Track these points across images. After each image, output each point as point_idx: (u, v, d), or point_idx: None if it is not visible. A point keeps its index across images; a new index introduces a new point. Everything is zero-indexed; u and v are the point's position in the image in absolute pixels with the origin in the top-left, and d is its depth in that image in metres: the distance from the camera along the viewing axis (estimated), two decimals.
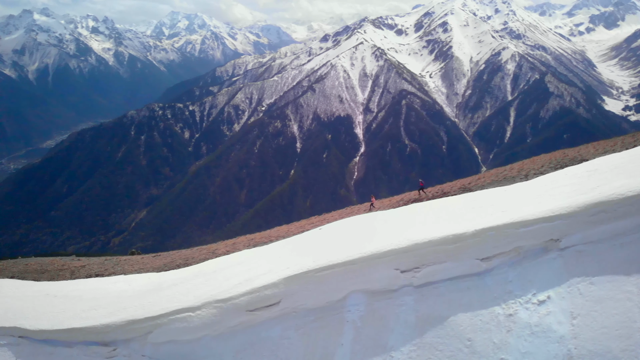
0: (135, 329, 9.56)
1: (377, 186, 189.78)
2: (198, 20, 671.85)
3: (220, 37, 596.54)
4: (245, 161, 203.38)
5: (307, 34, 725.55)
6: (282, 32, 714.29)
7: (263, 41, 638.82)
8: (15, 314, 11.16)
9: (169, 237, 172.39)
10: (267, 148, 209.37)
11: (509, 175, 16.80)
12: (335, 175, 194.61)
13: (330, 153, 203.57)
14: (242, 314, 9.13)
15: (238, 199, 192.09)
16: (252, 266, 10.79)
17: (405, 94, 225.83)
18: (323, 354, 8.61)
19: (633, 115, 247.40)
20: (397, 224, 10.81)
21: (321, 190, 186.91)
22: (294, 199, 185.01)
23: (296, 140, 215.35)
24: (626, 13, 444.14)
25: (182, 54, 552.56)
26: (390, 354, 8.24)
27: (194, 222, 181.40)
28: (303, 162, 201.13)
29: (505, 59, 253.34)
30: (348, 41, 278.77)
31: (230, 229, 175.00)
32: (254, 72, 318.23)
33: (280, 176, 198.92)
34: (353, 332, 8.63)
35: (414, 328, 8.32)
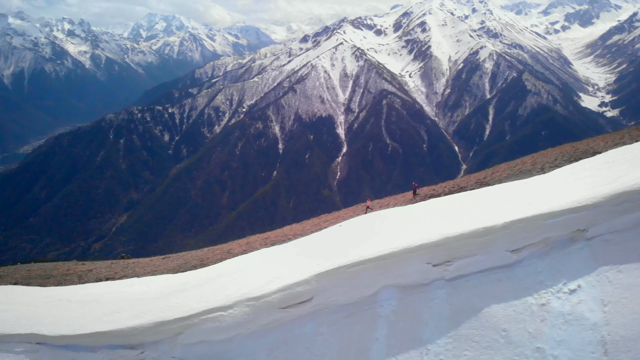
0: (164, 331, 9.41)
1: (359, 186, 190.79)
2: (176, 22, 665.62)
3: (199, 38, 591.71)
4: (227, 163, 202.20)
5: (287, 34, 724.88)
6: (261, 33, 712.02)
7: (242, 42, 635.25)
8: (30, 320, 10.93)
9: (151, 242, 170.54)
10: (249, 149, 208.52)
11: (524, 169, 17.08)
12: (318, 176, 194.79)
13: (312, 153, 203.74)
14: (275, 312, 9.08)
15: (220, 202, 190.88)
16: (279, 264, 10.79)
17: (386, 94, 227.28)
18: (358, 349, 8.63)
19: (609, 111, 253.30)
20: (421, 218, 10.91)
21: (304, 191, 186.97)
22: (277, 200, 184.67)
23: (278, 141, 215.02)
24: (600, 11, 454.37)
25: (160, 56, 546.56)
26: (426, 347, 8.30)
27: (176, 226, 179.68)
28: (285, 163, 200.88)
29: (483, 58, 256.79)
30: (328, 42, 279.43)
31: (213, 232, 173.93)
32: (234, 74, 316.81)
33: (262, 177, 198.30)
34: (387, 326, 8.66)
35: (448, 320, 8.38)
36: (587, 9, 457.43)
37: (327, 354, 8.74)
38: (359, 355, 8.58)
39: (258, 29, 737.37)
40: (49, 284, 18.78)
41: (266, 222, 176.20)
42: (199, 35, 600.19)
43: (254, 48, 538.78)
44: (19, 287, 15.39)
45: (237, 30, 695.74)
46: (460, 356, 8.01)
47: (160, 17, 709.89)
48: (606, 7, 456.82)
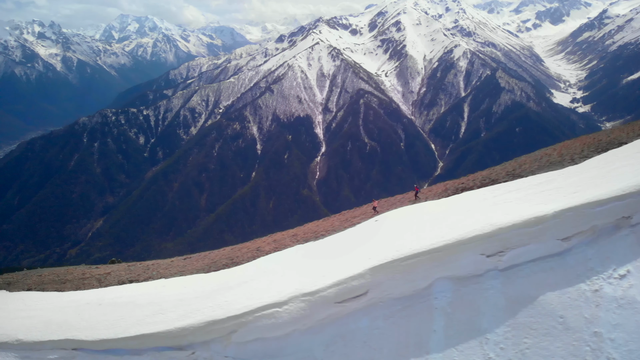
0: (216, 330, 9.30)
1: (339, 185, 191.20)
2: (149, 23, 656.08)
3: (173, 39, 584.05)
4: (204, 165, 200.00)
5: (262, 34, 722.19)
6: (236, 33, 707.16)
7: (217, 43, 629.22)
8: (61, 326, 10.69)
9: (128, 246, 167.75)
10: (227, 151, 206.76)
11: (553, 160, 17.36)
12: (298, 176, 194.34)
13: (291, 154, 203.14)
14: (331, 306, 9.06)
15: (198, 204, 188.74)
16: (324, 259, 10.78)
17: (363, 93, 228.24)
18: (417, 341, 8.69)
19: (581, 107, 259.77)
20: (461, 210, 11.01)
21: (284, 191, 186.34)
22: (257, 201, 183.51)
23: (256, 141, 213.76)
24: (571, 8, 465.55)
25: (133, 57, 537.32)
26: (485, 337, 8.40)
27: (153, 230, 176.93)
28: (264, 163, 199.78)
29: (458, 56, 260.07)
30: (304, 41, 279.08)
31: (191, 235, 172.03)
32: (209, 74, 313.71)
33: (241, 179, 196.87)
34: (444, 318, 8.74)
35: (505, 310, 8.50)
36: (557, 7, 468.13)
37: (385, 347, 8.80)
38: (418, 348, 8.64)
39: (233, 29, 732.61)
40: (66, 288, 18.20)
41: (246, 224, 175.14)
42: (173, 36, 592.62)
43: (229, 48, 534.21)
44: (36, 293, 15.06)
45: (211, 31, 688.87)
46: (520, 344, 8.15)
47: (133, 18, 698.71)
48: (576, 5, 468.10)
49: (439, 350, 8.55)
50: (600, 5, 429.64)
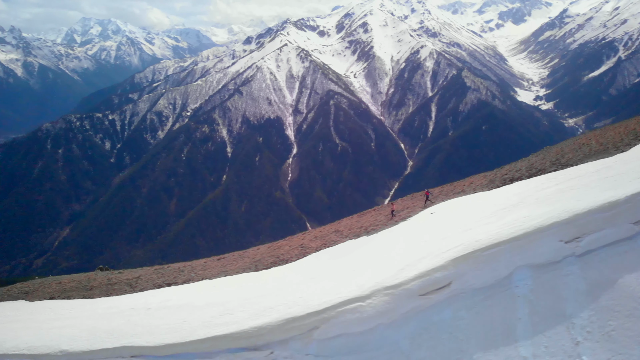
0: (296, 327, 9.09)
1: (311, 186, 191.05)
2: (112, 26, 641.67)
3: (137, 42, 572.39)
4: (173, 169, 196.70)
5: (228, 36, 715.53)
6: (202, 35, 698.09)
7: (182, 45, 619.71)
8: (112, 333, 10.20)
9: (97, 254, 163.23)
10: (196, 154, 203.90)
11: (597, 149, 17.59)
12: (270, 178, 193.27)
13: (262, 156, 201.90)
14: (415, 299, 9.06)
15: (168, 210, 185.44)
16: (398, 252, 10.79)
17: (333, 94, 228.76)
18: (503, 330, 8.78)
19: (544, 104, 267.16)
20: (529, 199, 11.35)
21: (256, 194, 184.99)
22: (228, 204, 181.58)
23: (226, 144, 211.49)
24: (532, 8, 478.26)
25: (96, 61, 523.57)
26: (571, 321, 8.60)
27: (122, 237, 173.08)
28: (235, 166, 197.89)
29: (424, 57, 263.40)
30: (272, 43, 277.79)
31: (162, 241, 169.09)
32: (176, 77, 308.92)
33: (211, 182, 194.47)
34: (528, 305, 8.87)
35: (587, 294, 8.71)
36: (519, 7, 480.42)
37: (472, 337, 8.81)
38: (506, 336, 8.73)
39: (198, 31, 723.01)
40: (95, 295, 17.18)
41: (217, 228, 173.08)
42: (137, 39, 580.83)
43: (195, 51, 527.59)
44: (64, 301, 14.67)
45: (176, 33, 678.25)
46: (605, 326, 8.38)
47: (95, 21, 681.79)
48: (537, 5, 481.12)
49: (527, 337, 8.67)
50: (561, 4, 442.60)
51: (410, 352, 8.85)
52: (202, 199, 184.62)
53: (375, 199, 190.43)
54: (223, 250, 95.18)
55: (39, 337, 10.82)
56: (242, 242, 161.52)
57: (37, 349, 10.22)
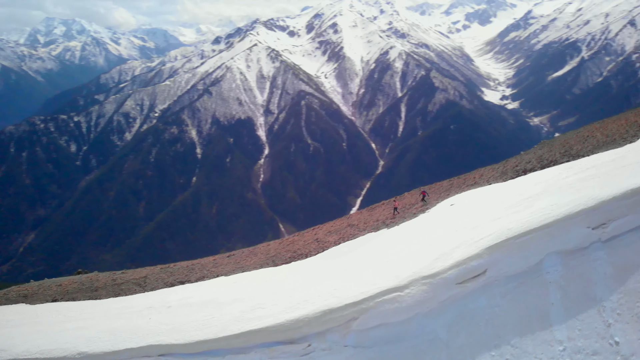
0: (334, 319, 9.04)
1: (284, 187, 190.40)
2: (76, 26, 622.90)
3: (102, 42, 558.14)
4: (141, 171, 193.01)
5: (196, 36, 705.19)
6: (170, 35, 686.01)
7: (149, 45, 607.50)
8: (136, 333, 9.93)
9: (64, 260, 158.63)
10: (165, 156, 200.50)
11: (605, 140, 18.06)
12: (241, 179, 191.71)
13: (233, 157, 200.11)
14: (452, 288, 9.20)
15: (136, 213, 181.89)
16: (428, 242, 11.03)
17: (304, 95, 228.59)
18: (538, 315, 9.06)
19: (510, 103, 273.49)
20: (551, 189, 11.74)
21: (227, 195, 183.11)
22: (199, 207, 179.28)
23: (196, 145, 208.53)
24: (498, 10, 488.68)
25: (61, 62, 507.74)
26: (602, 305, 8.92)
27: (90, 241, 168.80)
28: (205, 168, 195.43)
29: (393, 58, 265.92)
30: (241, 43, 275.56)
31: (131, 245, 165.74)
32: (143, 78, 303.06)
33: (181, 184, 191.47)
34: (559, 291, 9.17)
35: (615, 278, 9.06)
36: (485, 9, 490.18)
37: (509, 323, 9.04)
38: (540, 321, 9.01)
39: (166, 31, 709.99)
40: (102, 296, 16.59)
41: (188, 231, 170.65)
42: (102, 39, 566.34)
43: (163, 51, 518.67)
44: (71, 303, 14.32)
45: (143, 33, 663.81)
46: (634, 308, 8.74)
47: (59, 21, 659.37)
48: (503, 6, 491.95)
49: (561, 321, 8.97)
50: (526, 6, 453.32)
51: (448, 340, 9.01)
52: (172, 201, 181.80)
53: (348, 198, 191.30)
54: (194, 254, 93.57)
55: (51, 340, 10.44)
56: (213, 244, 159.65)
57: (52, 352, 9.87)
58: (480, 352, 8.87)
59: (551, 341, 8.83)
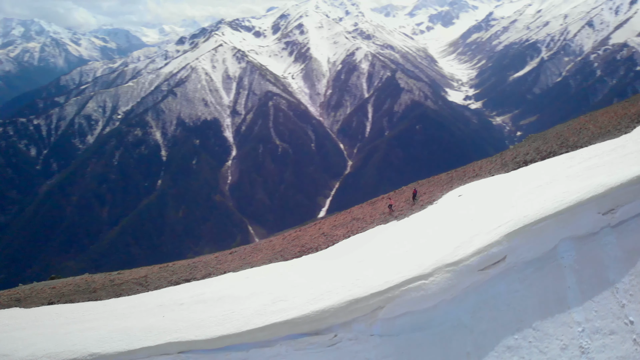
0: (359, 309, 9.12)
1: (252, 189, 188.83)
2: (35, 27, 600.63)
3: (62, 43, 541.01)
4: (105, 175, 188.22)
5: (160, 36, 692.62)
6: (132, 36, 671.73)
7: (111, 46, 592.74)
8: (150, 331, 9.71)
9: (26, 267, 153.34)
10: (128, 159, 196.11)
11: (599, 131, 18.51)
12: (208, 182, 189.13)
13: (200, 159, 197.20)
14: (474, 275, 9.42)
15: (100, 217, 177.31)
16: (448, 231, 11.36)
17: (271, 96, 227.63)
18: (556, 298, 9.46)
19: (473, 103, 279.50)
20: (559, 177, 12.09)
21: (194, 198, 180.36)
22: (165, 210, 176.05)
23: (160, 148, 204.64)
24: (460, 11, 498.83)
25: (19, 63, 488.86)
26: (615, 286, 9.47)
27: (53, 248, 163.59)
28: (171, 170, 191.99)
29: (359, 59, 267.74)
30: (207, 43, 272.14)
31: (95, 251, 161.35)
32: (105, 79, 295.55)
33: (146, 188, 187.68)
34: (574, 275, 9.62)
35: (625, 261, 9.62)
36: (448, 10, 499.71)
37: (529, 307, 9.39)
38: (559, 304, 9.43)
39: (128, 31, 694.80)
40: (102, 297, 16.03)
41: (154, 235, 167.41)
42: (62, 40, 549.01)
43: (125, 51, 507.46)
44: (73, 304, 13.97)
45: (104, 33, 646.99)
46: None
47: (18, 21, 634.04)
48: (465, 8, 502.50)
49: (578, 304, 9.40)
50: (487, 8, 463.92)
51: (472, 326, 9.22)
52: (137, 205, 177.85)
53: (317, 199, 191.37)
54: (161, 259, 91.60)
55: (57, 343, 10.12)
56: (180, 249, 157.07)
57: (60, 354, 9.53)
58: (504, 336, 9.16)
59: (570, 323, 9.27)
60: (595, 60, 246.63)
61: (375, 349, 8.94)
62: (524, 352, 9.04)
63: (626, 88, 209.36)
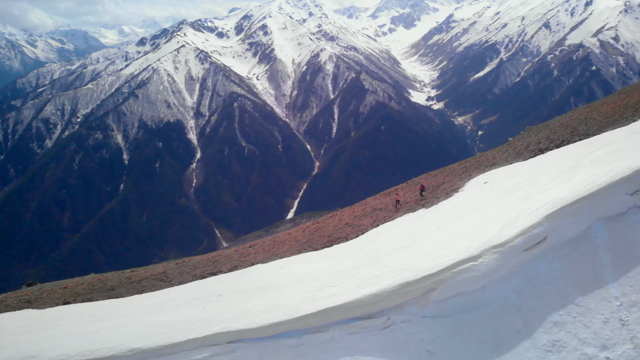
0: (411, 291, 9.41)
1: (218, 191, 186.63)
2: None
3: (18, 45, 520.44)
4: (65, 180, 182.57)
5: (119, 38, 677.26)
6: (90, 37, 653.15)
7: (69, 47, 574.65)
8: (193, 323, 9.67)
9: None
10: (89, 163, 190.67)
11: (606, 120, 19.24)
12: (172, 185, 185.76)
13: (163, 162, 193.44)
14: (519, 255, 9.87)
15: (61, 224, 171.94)
16: (486, 215, 11.86)
17: (236, 97, 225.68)
18: (593, 275, 10.02)
19: (435, 104, 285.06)
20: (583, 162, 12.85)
21: (158, 202, 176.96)
22: (128, 215, 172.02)
23: (122, 151, 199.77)
24: (421, 13, 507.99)
25: None
26: None
27: (11, 257, 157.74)
28: (133, 174, 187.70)
29: (324, 60, 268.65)
30: (168, 44, 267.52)
31: (56, 259, 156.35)
32: (64, 81, 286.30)
33: (108, 192, 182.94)
34: (608, 253, 10.19)
35: None
36: (409, 12, 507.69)
37: (570, 284, 9.93)
38: (597, 280, 9.99)
39: (86, 32, 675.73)
40: (122, 294, 15.55)
41: (117, 241, 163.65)
42: (18, 42, 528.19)
43: (83, 53, 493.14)
44: (94, 303, 13.84)
45: (61, 35, 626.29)
46: None
47: None
48: (426, 10, 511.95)
49: (614, 279, 9.94)
50: (447, 10, 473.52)
51: (520, 304, 9.64)
52: (99, 210, 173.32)
53: (285, 200, 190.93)
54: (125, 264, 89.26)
55: (89, 341, 9.96)
56: (145, 254, 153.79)
57: (95, 352, 9.40)
58: (550, 312, 9.62)
59: (609, 298, 9.80)
60: (552, 61, 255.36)
61: (428, 330, 9.19)
62: (569, 327, 9.53)
63: (582, 87, 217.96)
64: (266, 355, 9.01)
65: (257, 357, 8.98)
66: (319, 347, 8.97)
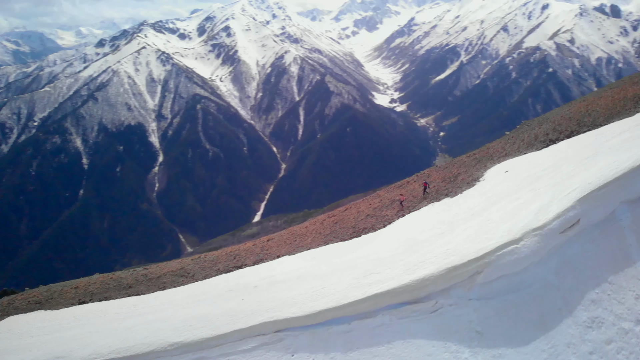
0: (458, 275, 9.65)
1: (182, 195, 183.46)
2: None
3: None
4: (21, 186, 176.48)
5: (77, 39, 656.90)
6: (46, 39, 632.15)
7: (24, 49, 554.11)
8: (236, 314, 9.75)
9: None
10: (47, 168, 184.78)
11: (608, 113, 19.99)
12: (134, 190, 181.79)
13: (124, 166, 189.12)
14: (556, 237, 10.24)
15: (18, 231, 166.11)
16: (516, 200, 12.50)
17: (199, 99, 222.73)
18: (622, 255, 10.55)
19: (399, 106, 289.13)
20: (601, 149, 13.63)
21: (119, 207, 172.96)
22: (88, 221, 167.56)
23: (81, 155, 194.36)
24: (383, 17, 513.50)
25: None
26: None
27: None
28: (93, 179, 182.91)
29: (289, 62, 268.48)
30: (129, 46, 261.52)
31: (13, 268, 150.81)
32: (19, 84, 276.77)
33: (67, 198, 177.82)
34: (634, 234, 10.74)
35: None
36: (372, 16, 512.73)
37: (603, 265, 10.39)
38: (625, 260, 10.52)
39: (42, 34, 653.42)
40: (142, 292, 15.17)
41: (77, 248, 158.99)
42: None
43: (39, 55, 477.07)
44: (115, 301, 13.73)
45: (16, 37, 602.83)
46: None
47: None
48: (388, 13, 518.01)
49: None
50: (408, 13, 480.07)
51: (559, 284, 10.04)
52: (58, 217, 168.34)
53: (252, 203, 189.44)
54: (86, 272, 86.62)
55: (122, 338, 9.84)
56: (107, 261, 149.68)
57: (131, 349, 9.25)
58: (587, 291, 10.04)
59: (638, 275, 10.35)
60: (510, 63, 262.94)
61: (475, 312, 9.45)
62: (605, 304, 9.96)
63: (539, 89, 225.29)
64: (316, 342, 9.10)
65: (306, 344, 9.09)
66: (370, 332, 9.16)
